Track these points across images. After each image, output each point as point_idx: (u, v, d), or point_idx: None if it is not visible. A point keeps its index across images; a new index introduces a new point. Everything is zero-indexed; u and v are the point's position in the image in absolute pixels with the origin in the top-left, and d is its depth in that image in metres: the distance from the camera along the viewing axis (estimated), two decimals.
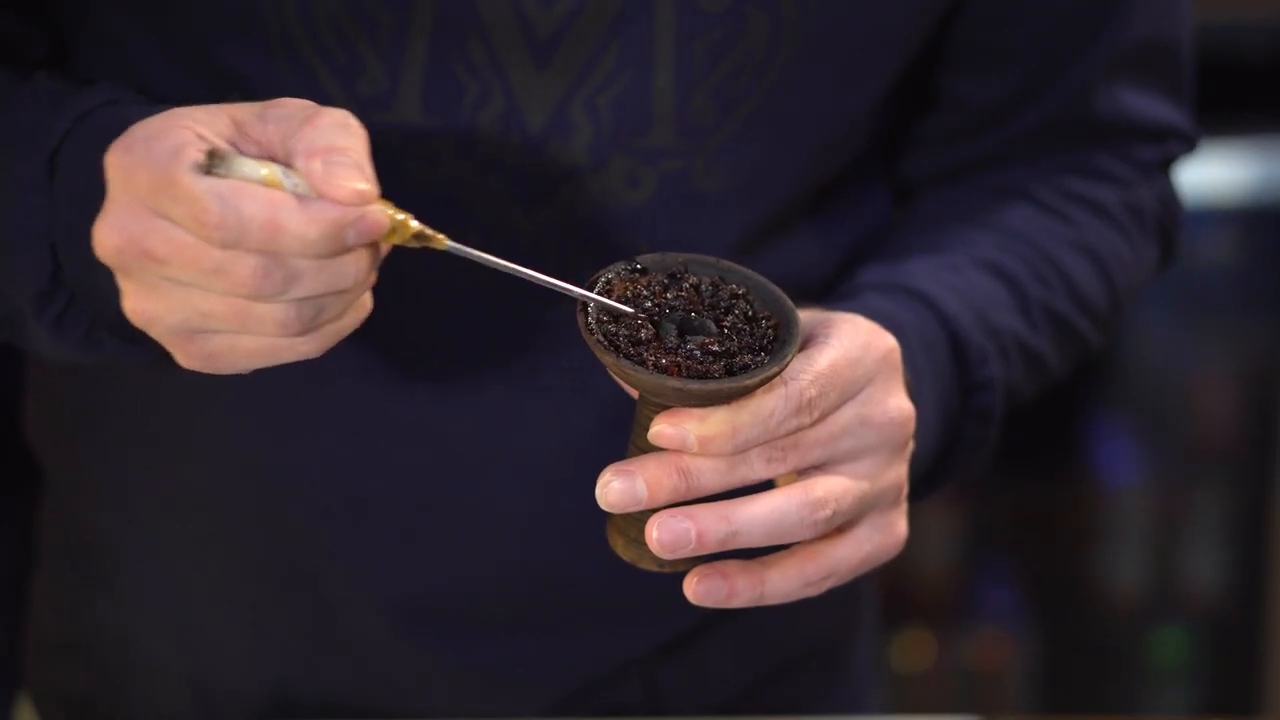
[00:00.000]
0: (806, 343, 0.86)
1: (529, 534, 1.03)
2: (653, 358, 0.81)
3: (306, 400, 1.01)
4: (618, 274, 0.85)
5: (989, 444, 1.04)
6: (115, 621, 1.12)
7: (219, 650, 1.09)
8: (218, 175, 0.76)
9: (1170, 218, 1.16)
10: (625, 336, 0.82)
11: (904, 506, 0.90)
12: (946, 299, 1.02)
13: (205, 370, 0.82)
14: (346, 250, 0.78)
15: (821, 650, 1.19)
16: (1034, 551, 2.39)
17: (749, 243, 1.00)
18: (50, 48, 1.00)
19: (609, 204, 0.96)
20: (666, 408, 0.82)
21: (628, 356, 0.81)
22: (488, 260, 0.81)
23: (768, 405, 0.82)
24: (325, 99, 0.94)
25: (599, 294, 0.83)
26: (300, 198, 0.76)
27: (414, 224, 0.79)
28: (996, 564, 2.39)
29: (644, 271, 0.85)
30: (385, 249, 0.80)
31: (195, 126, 0.78)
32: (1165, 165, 1.15)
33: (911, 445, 0.90)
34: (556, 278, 0.82)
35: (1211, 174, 2.18)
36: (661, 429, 0.82)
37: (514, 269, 0.82)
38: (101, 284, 0.86)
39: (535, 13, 0.93)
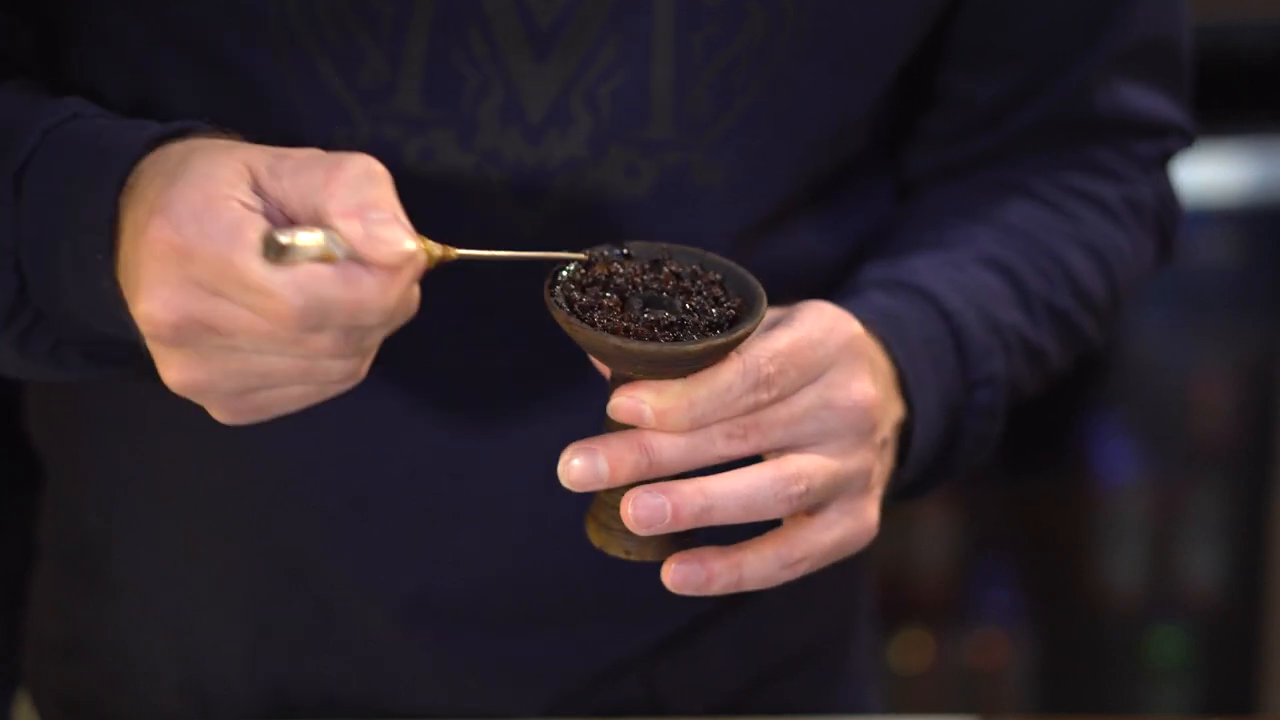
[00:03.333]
0: (772, 327, 0.87)
1: (530, 533, 1.03)
2: (602, 321, 0.83)
3: None
4: (600, 255, 0.86)
5: (993, 440, 1.05)
6: (114, 621, 1.12)
7: (218, 650, 1.09)
8: (285, 261, 0.75)
9: (1169, 213, 1.16)
10: (588, 305, 0.84)
11: (875, 494, 0.91)
12: (949, 295, 1.02)
13: (244, 422, 0.82)
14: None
15: (820, 649, 1.19)
16: (1032, 551, 2.39)
17: (749, 235, 1.00)
18: (35, 42, 1.00)
19: (608, 196, 0.97)
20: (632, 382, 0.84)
21: (578, 316, 0.83)
22: (491, 256, 0.82)
23: (724, 379, 0.84)
24: (325, 90, 0.94)
25: (574, 269, 0.85)
26: (365, 267, 0.76)
27: (436, 250, 0.80)
28: (994, 563, 2.39)
29: (629, 257, 0.87)
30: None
31: (235, 194, 0.77)
32: (1164, 161, 1.15)
33: (883, 434, 0.91)
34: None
35: (1210, 174, 2.18)
36: (620, 401, 0.84)
37: (516, 255, 0.83)
38: (67, 303, 0.86)
39: (535, 2, 0.93)
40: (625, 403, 0.84)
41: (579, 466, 0.84)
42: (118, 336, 0.86)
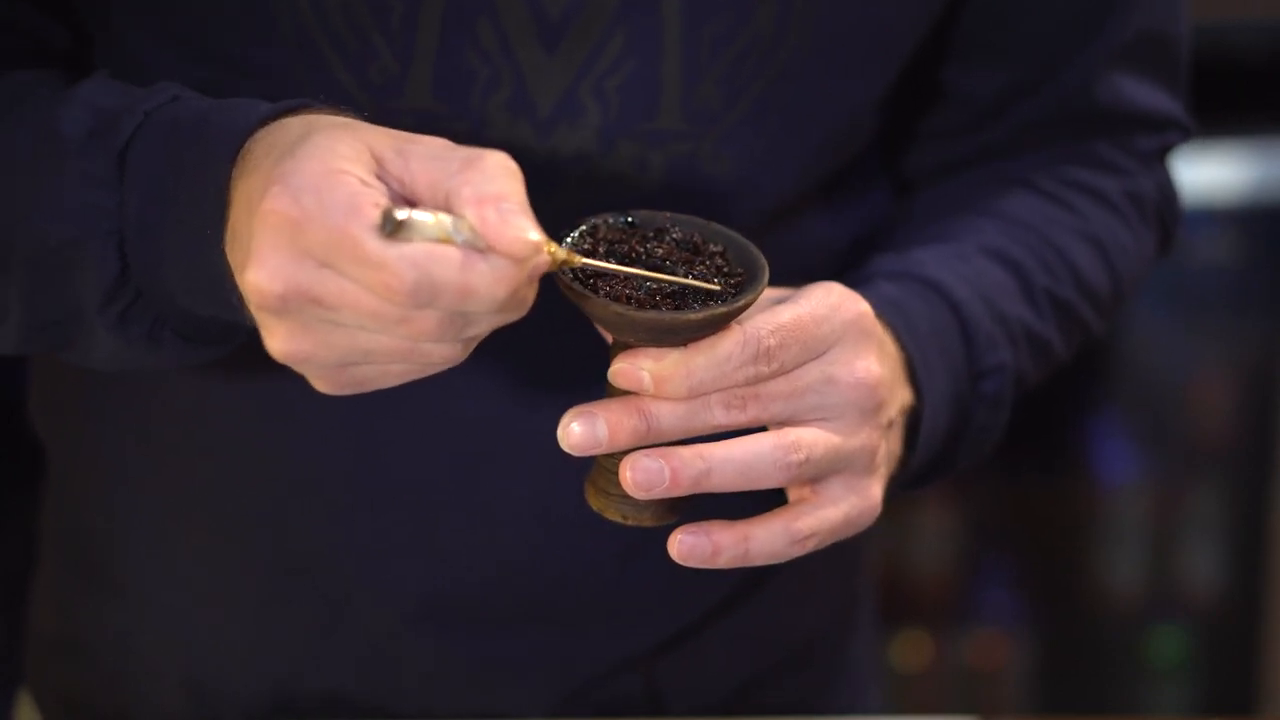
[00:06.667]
0: (779, 303, 0.88)
1: (534, 531, 1.04)
2: (606, 288, 0.83)
3: (315, 395, 1.01)
4: (605, 221, 0.87)
5: (998, 430, 1.05)
6: (116, 618, 1.12)
7: (221, 648, 1.09)
8: (401, 238, 0.76)
9: (1169, 206, 1.17)
10: (593, 272, 0.84)
11: (881, 474, 0.91)
12: (955, 286, 1.02)
13: (344, 394, 0.82)
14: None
15: (821, 647, 1.19)
16: (1032, 551, 2.39)
17: (758, 228, 1.00)
18: (73, 40, 1.00)
19: (618, 188, 0.97)
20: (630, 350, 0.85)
21: (581, 283, 0.83)
22: (613, 269, 0.83)
23: (724, 349, 0.84)
24: (337, 87, 0.94)
25: (578, 237, 0.86)
26: (483, 255, 0.76)
27: (561, 253, 0.80)
28: (994, 563, 2.39)
29: (633, 225, 0.88)
30: None
31: (354, 170, 0.77)
32: (1163, 154, 1.16)
33: (889, 414, 0.91)
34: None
35: (1209, 174, 2.18)
36: (620, 367, 0.84)
37: (638, 273, 0.84)
38: (170, 283, 0.86)
39: None
40: (624, 369, 0.84)
41: (578, 431, 0.84)
42: (216, 316, 0.86)
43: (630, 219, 0.88)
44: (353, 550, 1.04)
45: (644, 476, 0.84)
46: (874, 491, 0.90)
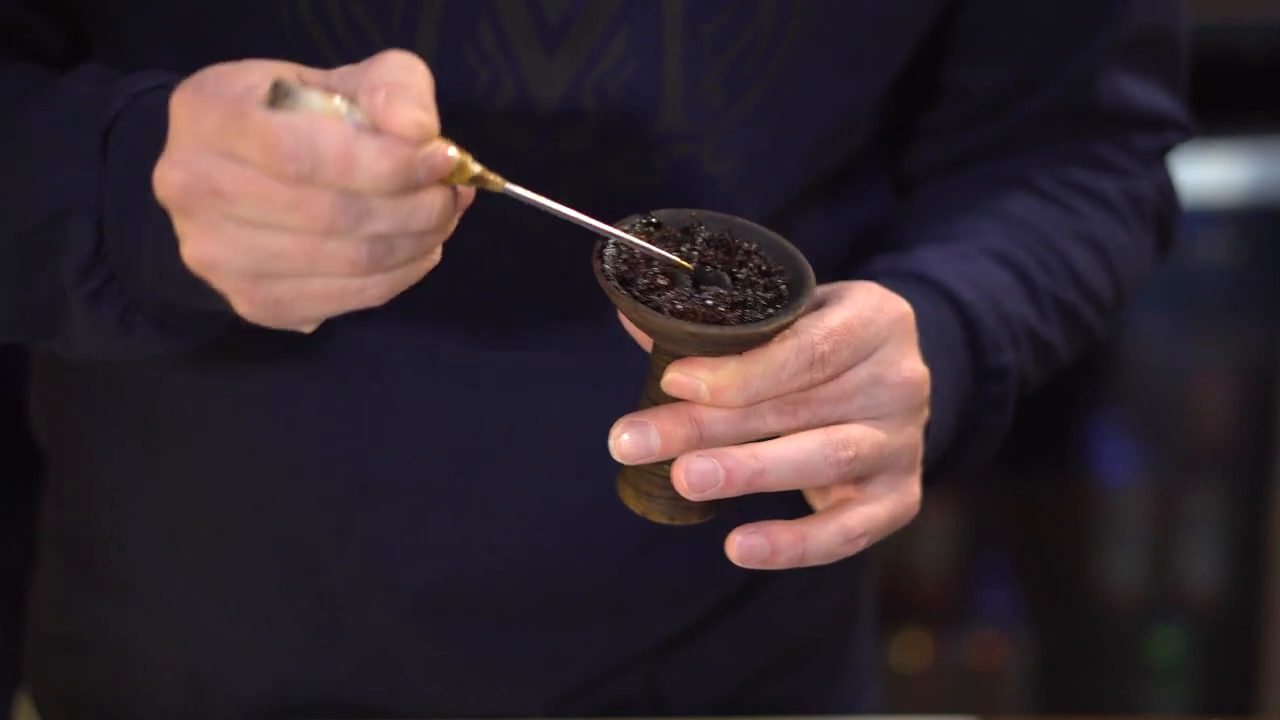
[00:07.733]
0: (820, 304, 0.87)
1: (535, 528, 1.04)
2: (669, 304, 0.82)
3: (316, 388, 1.01)
4: (632, 227, 0.86)
5: (1002, 432, 1.05)
6: (116, 616, 1.12)
7: (221, 646, 1.09)
8: (285, 108, 0.76)
9: (1169, 207, 1.17)
10: (641, 285, 0.83)
11: (919, 472, 0.92)
12: (960, 286, 1.03)
13: (270, 323, 0.81)
14: (418, 188, 0.77)
15: (821, 645, 1.19)
16: (1032, 551, 2.39)
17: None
18: (68, 43, 1.00)
19: (619, 188, 0.97)
20: (679, 358, 0.84)
21: (643, 301, 0.82)
22: (543, 204, 0.82)
23: (780, 357, 0.84)
24: None
25: (612, 247, 0.84)
26: (372, 132, 0.76)
27: (475, 166, 0.79)
28: (994, 564, 2.39)
29: (658, 226, 0.87)
30: (465, 200, 0.80)
31: (260, 66, 0.78)
32: (1163, 154, 1.16)
33: (927, 412, 0.91)
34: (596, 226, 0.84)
35: (1209, 174, 2.18)
36: (675, 377, 0.84)
37: (570, 214, 0.83)
38: (140, 263, 0.86)
39: None
40: (680, 379, 0.84)
41: (630, 441, 0.84)
42: (188, 303, 0.86)
43: (654, 220, 0.87)
44: (353, 548, 1.04)
45: (699, 479, 0.84)
46: (915, 489, 0.91)
